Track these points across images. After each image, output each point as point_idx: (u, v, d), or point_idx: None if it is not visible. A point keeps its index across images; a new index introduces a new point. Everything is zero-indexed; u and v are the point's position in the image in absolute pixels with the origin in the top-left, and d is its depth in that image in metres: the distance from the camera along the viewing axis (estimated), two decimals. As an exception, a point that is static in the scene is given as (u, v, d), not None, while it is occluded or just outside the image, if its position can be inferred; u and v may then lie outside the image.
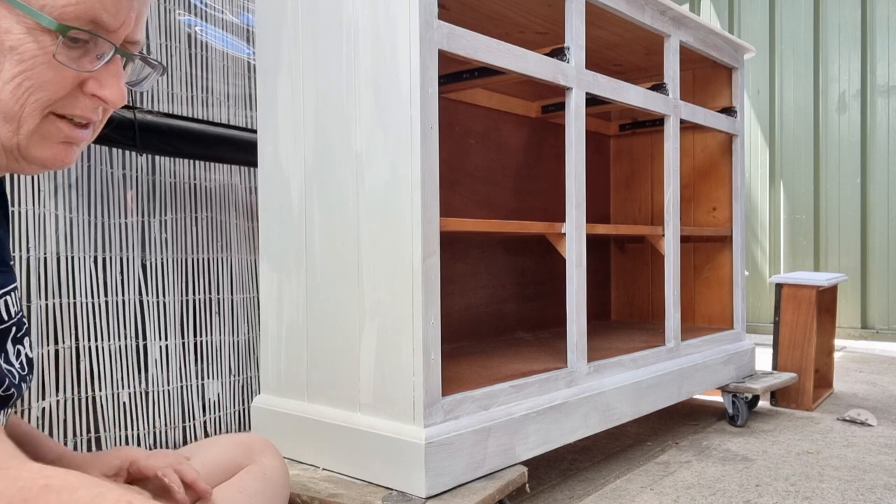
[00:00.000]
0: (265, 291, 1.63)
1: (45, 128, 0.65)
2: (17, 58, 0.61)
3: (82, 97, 0.66)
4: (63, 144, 0.67)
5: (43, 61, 0.62)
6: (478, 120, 2.28)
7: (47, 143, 0.66)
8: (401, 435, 1.30)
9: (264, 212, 1.63)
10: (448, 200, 2.15)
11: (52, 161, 0.67)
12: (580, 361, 1.69)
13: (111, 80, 0.66)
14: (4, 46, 0.60)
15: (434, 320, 1.31)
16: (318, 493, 1.30)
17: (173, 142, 1.89)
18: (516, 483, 1.40)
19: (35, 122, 0.64)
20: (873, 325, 4.32)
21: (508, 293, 2.41)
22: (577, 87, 1.67)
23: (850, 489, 1.67)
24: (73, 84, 0.65)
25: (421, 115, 1.29)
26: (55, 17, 0.61)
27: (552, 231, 1.66)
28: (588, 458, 1.94)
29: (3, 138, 0.64)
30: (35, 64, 0.61)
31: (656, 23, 1.98)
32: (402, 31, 1.31)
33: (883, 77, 4.31)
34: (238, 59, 2.21)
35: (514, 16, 1.92)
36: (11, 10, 0.60)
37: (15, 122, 0.63)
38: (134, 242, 1.91)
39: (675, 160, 2.09)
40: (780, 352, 2.58)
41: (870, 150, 4.35)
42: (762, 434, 2.17)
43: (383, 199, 1.35)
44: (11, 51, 0.61)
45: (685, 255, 2.64)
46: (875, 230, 4.31)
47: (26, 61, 0.61)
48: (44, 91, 0.63)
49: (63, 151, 0.68)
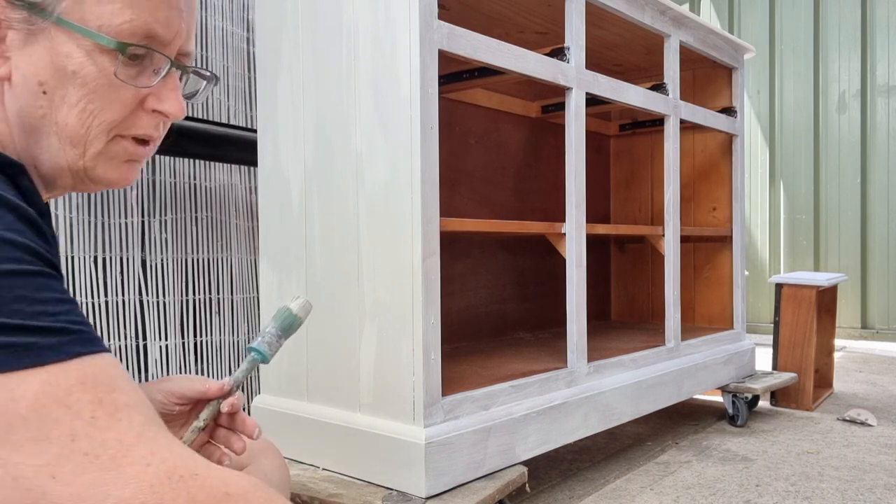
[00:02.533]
0: (265, 291, 1.63)
1: (110, 149, 0.66)
2: (79, 81, 0.61)
3: (143, 114, 0.66)
4: (127, 163, 0.68)
5: (104, 83, 0.62)
6: (478, 120, 2.28)
7: (113, 163, 0.67)
8: (401, 435, 1.30)
9: (264, 212, 1.63)
10: (448, 200, 2.15)
11: (117, 181, 0.68)
12: (580, 361, 1.69)
13: (170, 94, 0.67)
14: (67, 71, 0.61)
15: (434, 320, 1.31)
16: (318, 493, 1.30)
17: (175, 140, 1.89)
18: (516, 483, 1.39)
19: (101, 144, 0.65)
20: (873, 325, 4.32)
21: (508, 293, 2.41)
22: (577, 87, 1.67)
23: (850, 489, 1.67)
24: (134, 102, 0.65)
25: (421, 115, 1.29)
26: (112, 35, 0.61)
27: (552, 231, 1.66)
28: (588, 458, 1.94)
29: (70, 161, 0.64)
30: (97, 86, 0.62)
31: (656, 23, 1.98)
32: (402, 32, 1.31)
33: (883, 77, 4.31)
34: (239, 58, 2.21)
35: (514, 16, 1.92)
36: (70, 35, 0.61)
37: (81, 145, 0.64)
38: (134, 242, 1.91)
39: (675, 160, 2.09)
40: (780, 352, 2.58)
41: (870, 150, 4.35)
42: (762, 434, 2.17)
43: (383, 198, 1.35)
44: (74, 75, 0.61)
45: (685, 255, 2.64)
46: (875, 230, 4.31)
47: (89, 84, 0.62)
48: (108, 112, 0.64)
49: (128, 170, 0.69)
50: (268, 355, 0.83)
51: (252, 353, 0.83)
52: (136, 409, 0.55)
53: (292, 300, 0.86)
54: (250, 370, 0.84)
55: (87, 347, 0.54)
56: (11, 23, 0.61)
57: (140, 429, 0.54)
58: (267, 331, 0.84)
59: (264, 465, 0.93)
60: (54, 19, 0.60)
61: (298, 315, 0.85)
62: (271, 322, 0.84)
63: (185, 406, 0.83)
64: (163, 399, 0.82)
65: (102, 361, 0.55)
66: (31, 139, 0.64)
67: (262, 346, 0.83)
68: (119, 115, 0.64)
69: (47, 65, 0.61)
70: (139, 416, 0.55)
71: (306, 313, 0.86)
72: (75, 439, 0.51)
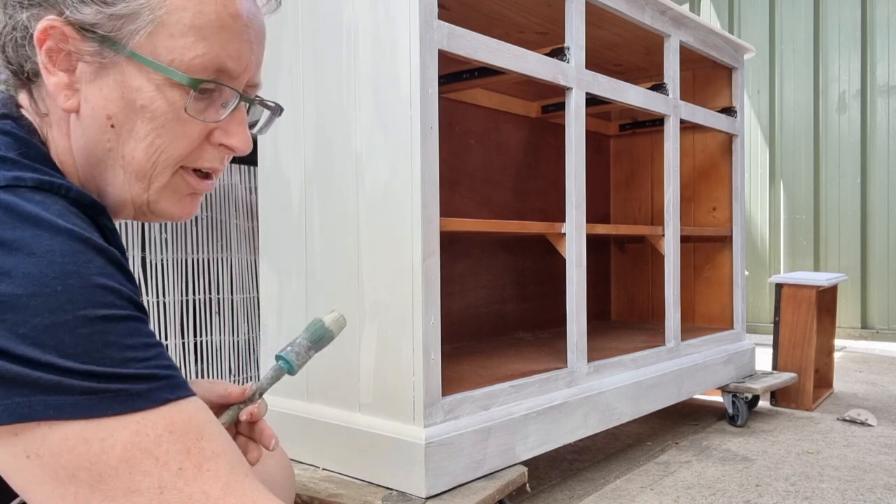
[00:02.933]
0: (265, 291, 1.63)
1: (174, 182, 0.65)
2: (148, 115, 0.61)
3: (209, 147, 0.66)
4: (190, 196, 0.68)
5: (173, 117, 0.62)
6: (478, 120, 2.28)
7: (176, 196, 0.66)
8: (401, 435, 1.30)
9: (264, 212, 1.63)
10: (448, 200, 2.15)
11: (179, 215, 0.68)
12: (580, 361, 1.69)
13: (237, 129, 0.66)
14: (136, 105, 0.60)
15: (434, 320, 1.31)
16: (318, 493, 1.30)
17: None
18: (516, 483, 1.39)
19: (167, 178, 0.64)
20: (873, 325, 4.32)
21: (508, 293, 2.41)
22: (577, 87, 1.67)
23: (850, 489, 1.67)
24: (201, 136, 0.64)
25: (421, 115, 1.29)
26: (184, 70, 0.60)
27: (552, 231, 1.66)
28: (588, 458, 1.94)
29: (135, 195, 0.64)
30: (166, 121, 0.61)
31: (656, 23, 1.98)
32: (402, 32, 1.31)
33: (883, 77, 4.31)
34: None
35: (514, 16, 1.92)
36: (141, 69, 0.60)
37: (147, 179, 0.63)
38: (134, 242, 1.91)
39: (675, 160, 2.09)
40: (780, 352, 2.58)
41: (870, 150, 4.35)
42: (762, 434, 2.17)
43: (383, 198, 1.35)
44: (143, 109, 0.61)
45: (685, 255, 2.64)
46: (875, 230, 4.31)
47: (158, 118, 0.61)
48: (175, 147, 0.63)
49: (190, 204, 0.68)
50: (295, 366, 0.81)
51: (279, 361, 0.81)
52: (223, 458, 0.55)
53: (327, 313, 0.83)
54: (276, 379, 0.81)
55: (176, 393, 0.54)
56: (83, 55, 0.60)
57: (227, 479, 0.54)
58: (297, 341, 0.81)
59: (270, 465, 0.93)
60: (127, 53, 0.60)
61: (330, 329, 0.82)
62: (302, 333, 0.82)
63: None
64: None
65: (191, 407, 0.55)
66: (97, 171, 0.64)
67: (289, 355, 0.80)
68: (186, 150, 0.64)
69: (117, 98, 0.61)
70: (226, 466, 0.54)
71: (339, 328, 0.83)
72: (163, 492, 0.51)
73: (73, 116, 0.62)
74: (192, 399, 0.55)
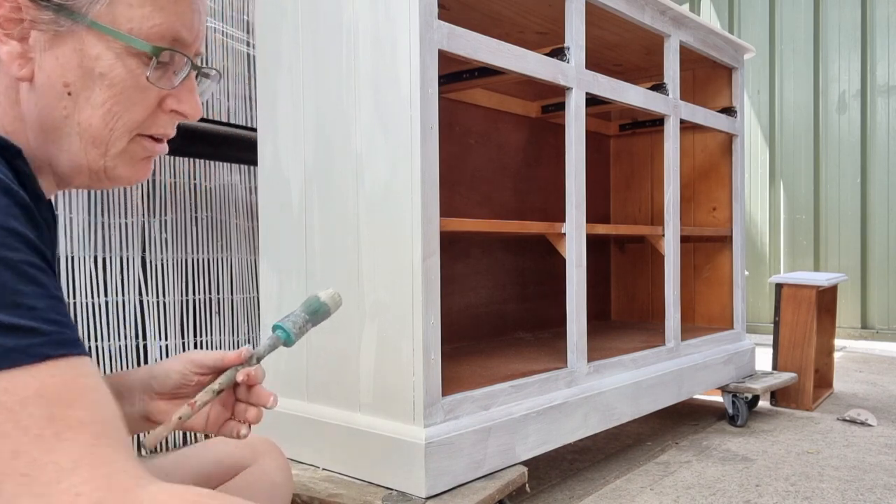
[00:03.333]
0: (265, 291, 1.63)
1: (131, 148, 0.67)
2: (107, 83, 0.62)
3: (162, 114, 0.67)
4: (144, 160, 0.69)
5: (131, 84, 0.63)
6: (478, 120, 2.28)
7: (132, 161, 0.68)
8: (401, 435, 1.30)
9: (264, 212, 1.63)
10: (448, 200, 2.15)
11: (134, 178, 0.69)
12: (580, 361, 1.69)
13: (189, 96, 0.68)
14: (95, 73, 0.62)
15: (434, 320, 1.31)
16: (318, 493, 1.30)
17: (176, 139, 1.89)
18: (516, 483, 1.39)
19: (124, 144, 0.65)
20: (873, 325, 4.32)
21: (508, 293, 2.41)
22: (577, 87, 1.67)
23: (850, 489, 1.67)
24: (156, 103, 0.66)
25: (421, 115, 1.29)
26: (143, 38, 0.62)
27: (552, 231, 1.66)
28: (588, 458, 1.94)
29: (91, 161, 0.65)
30: (124, 88, 0.63)
31: (656, 23, 1.98)
32: (402, 32, 1.31)
33: (883, 77, 4.31)
34: (239, 58, 2.21)
35: (514, 16, 1.92)
36: (101, 38, 0.61)
37: (104, 145, 0.64)
38: (134, 242, 1.91)
39: (675, 160, 2.09)
40: (780, 352, 2.58)
41: (870, 150, 4.35)
42: (762, 434, 2.17)
43: (383, 198, 1.35)
44: (101, 77, 0.62)
45: (685, 255, 2.64)
46: (875, 230, 4.31)
47: (116, 85, 0.62)
48: (132, 113, 0.64)
49: (144, 167, 0.70)
50: (292, 335, 0.81)
51: (277, 331, 0.81)
52: (88, 428, 0.50)
53: (323, 290, 0.85)
54: (273, 348, 0.81)
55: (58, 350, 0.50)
56: (38, 24, 0.61)
57: (83, 450, 0.49)
58: (295, 312, 0.82)
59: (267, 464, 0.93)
60: (88, 22, 0.61)
61: (326, 303, 0.83)
62: (300, 306, 0.83)
63: (205, 375, 0.83)
64: (181, 369, 0.82)
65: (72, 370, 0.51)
66: (50, 139, 0.64)
67: (287, 323, 0.81)
68: (142, 116, 0.65)
69: (75, 66, 0.61)
70: (88, 436, 0.50)
71: (335, 305, 0.85)
72: (16, 457, 0.48)
73: (26, 85, 0.63)
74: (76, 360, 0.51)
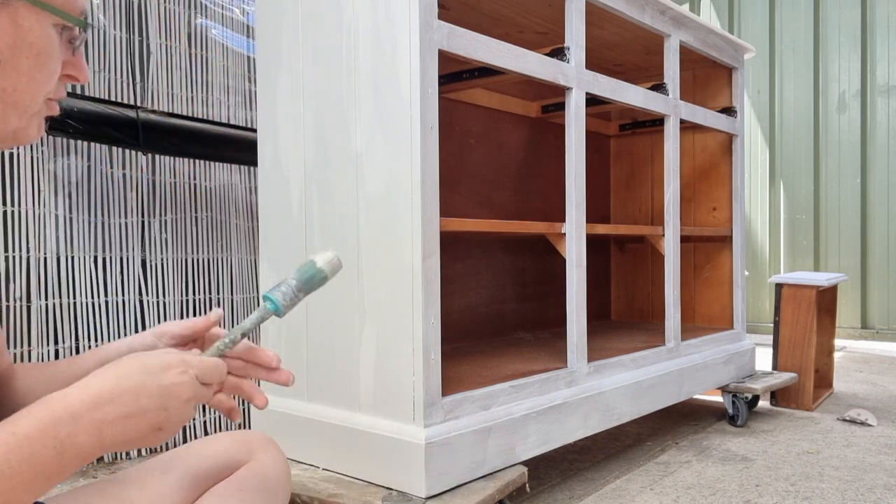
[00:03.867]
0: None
1: (41, 110, 0.72)
2: (35, 52, 0.67)
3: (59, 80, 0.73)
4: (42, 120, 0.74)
5: (51, 53, 0.69)
6: (478, 120, 2.28)
7: (39, 121, 0.73)
8: (401, 435, 1.30)
9: (264, 212, 1.63)
10: (448, 200, 2.15)
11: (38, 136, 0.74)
12: (580, 361, 1.69)
13: (80, 61, 0.74)
14: (25, 43, 0.66)
15: (434, 320, 1.31)
16: (318, 493, 1.30)
17: (176, 140, 1.89)
18: (516, 483, 1.39)
19: (37, 107, 0.71)
20: (873, 325, 4.32)
21: (508, 293, 2.41)
22: (577, 87, 1.67)
23: (850, 489, 1.67)
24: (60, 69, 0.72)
25: (421, 115, 1.29)
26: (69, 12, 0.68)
27: (552, 231, 1.66)
28: (588, 458, 1.94)
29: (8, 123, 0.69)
30: (47, 57, 0.68)
31: (656, 23, 1.98)
32: (402, 31, 1.31)
33: (883, 77, 4.31)
34: (239, 58, 2.21)
35: (514, 16, 1.92)
36: (33, 10, 0.66)
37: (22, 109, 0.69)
38: (134, 242, 1.91)
39: (675, 160, 2.09)
40: (780, 352, 2.58)
41: (870, 150, 4.35)
42: (762, 434, 2.17)
43: (383, 199, 1.35)
44: (31, 46, 0.67)
45: (685, 255, 2.64)
46: (875, 230, 4.31)
47: (41, 55, 0.68)
48: (49, 81, 0.70)
49: (42, 127, 0.75)
50: (281, 307, 0.75)
51: (266, 302, 0.75)
52: None
53: (321, 252, 0.76)
54: (262, 320, 0.76)
55: None
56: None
57: None
58: (286, 281, 0.76)
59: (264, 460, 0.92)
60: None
61: (322, 269, 0.75)
62: (293, 273, 0.76)
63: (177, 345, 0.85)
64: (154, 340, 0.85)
65: None
66: None
67: (276, 294, 0.75)
68: (53, 82, 0.71)
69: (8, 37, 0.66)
70: None
71: (333, 270, 0.77)
72: None
73: None
74: None
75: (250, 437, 0.95)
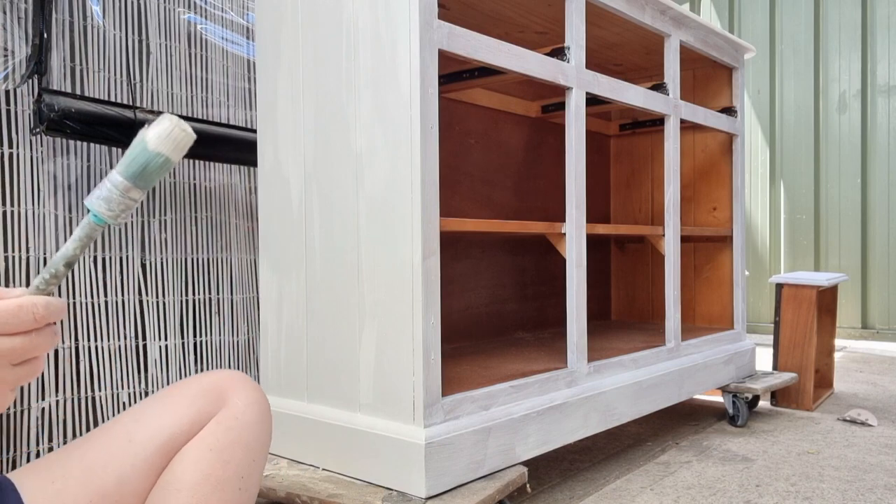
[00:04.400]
0: (265, 291, 1.63)
1: None
2: None
3: None
4: None
5: None
6: (478, 120, 2.28)
7: None
8: (401, 435, 1.30)
9: (264, 212, 1.63)
10: (448, 200, 2.15)
11: None
12: (580, 361, 1.69)
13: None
14: None
15: (434, 320, 1.31)
16: (318, 494, 1.30)
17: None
18: (516, 483, 1.39)
19: None
20: (873, 325, 4.32)
21: (508, 293, 2.41)
22: (577, 86, 1.67)
23: (851, 489, 1.67)
24: None
25: (421, 115, 1.28)
26: None
27: (552, 231, 1.66)
28: (588, 458, 1.94)
29: None
30: None
31: (656, 22, 1.97)
32: (402, 31, 1.30)
33: (883, 77, 4.31)
34: (239, 59, 2.21)
35: (514, 16, 1.92)
36: None
37: None
38: (134, 242, 1.91)
39: (676, 160, 2.09)
40: (781, 352, 2.58)
41: (870, 150, 4.34)
42: (762, 434, 2.17)
43: (383, 198, 1.35)
44: None
45: (685, 255, 2.64)
46: (875, 230, 4.31)
47: None
48: None
49: None
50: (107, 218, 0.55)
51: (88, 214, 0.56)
52: None
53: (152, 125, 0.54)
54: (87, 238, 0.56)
55: None
56: None
57: None
58: (111, 176, 0.55)
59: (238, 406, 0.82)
60: None
61: (158, 152, 0.53)
62: (120, 164, 0.55)
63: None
64: None
65: None
66: None
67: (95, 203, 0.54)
68: None
69: None
70: None
71: (175, 147, 0.53)
72: None
73: None
74: None
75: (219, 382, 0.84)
